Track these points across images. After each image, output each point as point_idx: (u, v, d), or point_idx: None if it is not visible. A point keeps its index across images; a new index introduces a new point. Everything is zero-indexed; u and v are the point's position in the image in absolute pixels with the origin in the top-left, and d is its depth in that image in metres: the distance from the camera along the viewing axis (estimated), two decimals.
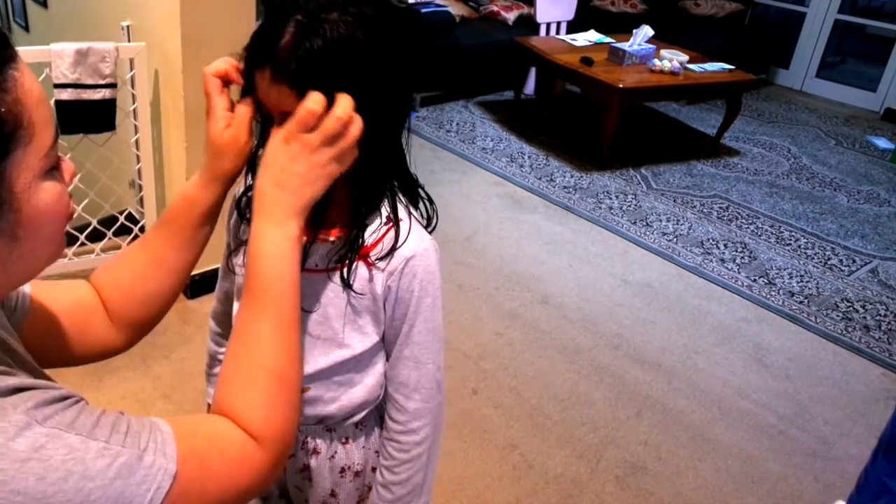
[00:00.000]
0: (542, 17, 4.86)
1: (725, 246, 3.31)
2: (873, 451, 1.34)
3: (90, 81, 2.16)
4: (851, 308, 2.91)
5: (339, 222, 0.93)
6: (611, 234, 3.32)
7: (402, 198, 0.95)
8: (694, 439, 2.15)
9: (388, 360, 1.02)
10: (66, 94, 2.14)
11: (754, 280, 3.04)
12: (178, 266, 0.89)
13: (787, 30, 5.95)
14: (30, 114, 0.57)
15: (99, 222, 2.45)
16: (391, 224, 0.93)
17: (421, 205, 0.98)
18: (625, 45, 4.15)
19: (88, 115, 2.20)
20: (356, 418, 1.04)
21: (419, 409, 1.00)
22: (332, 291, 0.93)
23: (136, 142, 2.38)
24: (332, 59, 0.78)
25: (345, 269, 0.92)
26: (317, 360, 0.98)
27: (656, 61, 4.09)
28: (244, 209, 0.97)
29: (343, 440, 1.06)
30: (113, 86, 2.20)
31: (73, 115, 2.19)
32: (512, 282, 2.84)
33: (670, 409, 2.26)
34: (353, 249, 0.91)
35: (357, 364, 0.99)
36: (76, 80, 2.14)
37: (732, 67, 4.21)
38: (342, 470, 1.09)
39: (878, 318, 2.86)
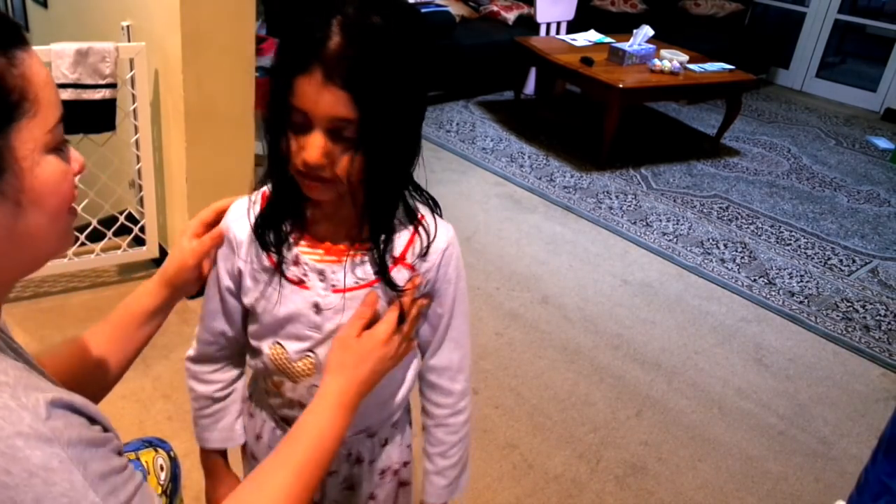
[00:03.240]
0: (542, 17, 4.86)
1: (725, 246, 3.31)
2: (873, 450, 1.34)
3: (90, 81, 2.15)
4: (851, 308, 2.91)
5: (368, 235, 0.92)
6: (611, 234, 3.32)
7: (416, 196, 0.97)
8: (694, 439, 2.15)
9: (422, 353, 1.04)
10: (66, 94, 2.14)
11: (754, 280, 3.04)
12: (114, 365, 0.95)
13: (787, 30, 5.95)
14: (36, 91, 0.63)
15: (99, 222, 2.45)
16: (413, 224, 0.94)
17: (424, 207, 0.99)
18: (625, 45, 4.15)
19: (88, 115, 2.20)
20: (395, 418, 1.06)
21: (464, 388, 1.05)
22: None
23: (136, 142, 2.38)
24: (384, 62, 0.79)
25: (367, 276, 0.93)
26: None
27: (656, 61, 4.09)
28: (266, 238, 0.94)
29: (382, 442, 1.08)
30: (113, 86, 2.20)
31: (73, 115, 2.18)
32: (512, 282, 2.84)
33: (670, 409, 2.26)
34: (385, 253, 0.92)
35: (401, 363, 1.01)
36: (76, 80, 2.13)
37: (732, 67, 4.21)
38: (382, 472, 1.10)
39: (878, 317, 2.86)
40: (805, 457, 2.13)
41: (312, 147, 0.81)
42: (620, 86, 3.78)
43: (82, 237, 2.42)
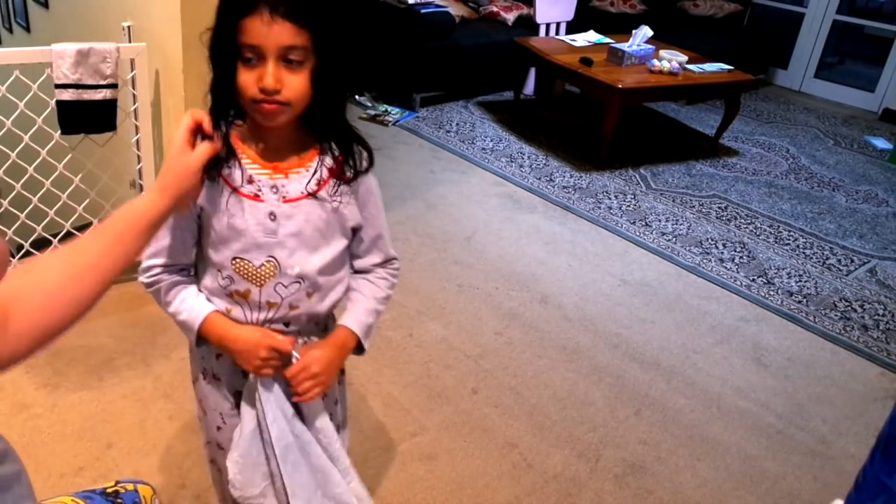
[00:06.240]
0: (541, 17, 4.87)
1: (724, 246, 3.32)
2: (871, 450, 1.35)
3: (91, 82, 2.16)
4: (850, 307, 2.92)
5: (317, 152, 1.14)
6: (610, 233, 3.32)
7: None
8: (693, 438, 2.16)
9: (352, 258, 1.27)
10: (67, 95, 2.15)
11: (753, 280, 3.05)
12: (109, 274, 0.90)
13: (786, 30, 5.96)
14: None
15: (100, 222, 2.46)
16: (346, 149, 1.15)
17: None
18: (624, 46, 4.16)
19: (89, 116, 2.21)
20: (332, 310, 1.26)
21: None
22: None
23: (137, 142, 2.38)
24: None
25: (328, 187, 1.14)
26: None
27: (655, 62, 4.10)
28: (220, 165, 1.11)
29: (323, 328, 1.28)
30: (114, 86, 2.21)
31: (75, 116, 2.19)
32: (511, 281, 2.85)
33: (669, 409, 2.27)
34: (349, 159, 1.14)
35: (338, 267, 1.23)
36: (77, 81, 2.14)
37: (731, 68, 4.22)
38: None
39: (876, 317, 2.87)
40: (803, 456, 2.14)
41: (268, 75, 0.99)
42: (619, 86, 3.79)
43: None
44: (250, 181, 1.10)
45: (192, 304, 1.17)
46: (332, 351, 1.20)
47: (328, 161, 1.13)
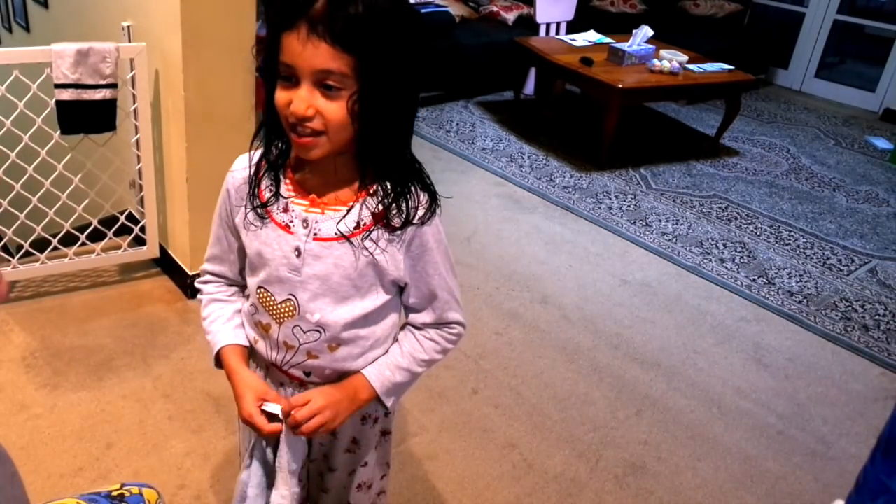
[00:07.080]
0: (541, 17, 4.87)
1: (724, 246, 3.31)
2: (872, 450, 1.34)
3: (91, 82, 2.16)
4: (850, 308, 2.91)
5: (358, 189, 1.01)
6: (610, 233, 3.32)
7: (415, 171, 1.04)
8: (693, 439, 2.15)
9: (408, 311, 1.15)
10: (66, 95, 2.15)
11: (753, 280, 3.05)
12: None
13: (787, 30, 5.96)
14: None
15: (99, 222, 2.46)
16: (403, 191, 1.01)
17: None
18: (624, 46, 4.15)
19: (89, 115, 2.21)
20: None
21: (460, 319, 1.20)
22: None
23: (137, 142, 2.38)
24: (368, 20, 0.85)
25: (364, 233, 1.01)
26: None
27: (656, 61, 4.09)
28: (260, 185, 1.03)
29: None
30: (113, 86, 2.21)
31: (74, 115, 2.19)
32: (512, 282, 2.85)
33: (670, 409, 2.26)
34: (394, 201, 1.00)
35: (380, 322, 1.11)
36: (77, 81, 2.14)
37: (732, 68, 4.21)
38: (364, 418, 1.17)
39: (876, 317, 2.87)
40: (804, 456, 2.14)
41: (299, 99, 0.88)
42: (620, 86, 3.78)
43: (83, 237, 2.43)
44: (285, 209, 1.01)
45: (218, 329, 1.13)
46: (341, 395, 1.06)
47: (371, 203, 0.99)
